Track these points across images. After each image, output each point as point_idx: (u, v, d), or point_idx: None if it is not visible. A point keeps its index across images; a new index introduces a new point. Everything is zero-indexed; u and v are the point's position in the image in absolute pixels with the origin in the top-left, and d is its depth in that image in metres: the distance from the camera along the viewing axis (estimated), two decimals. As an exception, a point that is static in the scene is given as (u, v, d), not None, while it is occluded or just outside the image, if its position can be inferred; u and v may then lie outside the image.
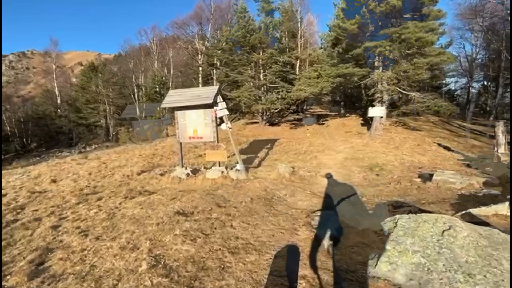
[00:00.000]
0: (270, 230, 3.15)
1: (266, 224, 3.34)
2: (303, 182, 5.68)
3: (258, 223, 3.37)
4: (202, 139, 6.64)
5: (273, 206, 4.02)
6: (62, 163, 13.81)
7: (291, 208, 3.92)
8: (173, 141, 17.20)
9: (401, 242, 2.17)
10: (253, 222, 3.40)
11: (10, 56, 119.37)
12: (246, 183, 5.67)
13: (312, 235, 2.88)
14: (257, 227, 3.23)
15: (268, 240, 2.85)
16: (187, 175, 6.76)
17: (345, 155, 9.18)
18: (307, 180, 5.87)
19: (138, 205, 4.61)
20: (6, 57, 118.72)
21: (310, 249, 2.65)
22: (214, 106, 6.36)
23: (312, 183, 5.67)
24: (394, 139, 13.03)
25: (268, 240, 2.85)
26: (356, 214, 3.37)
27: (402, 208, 3.61)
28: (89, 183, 7.50)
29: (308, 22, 27.24)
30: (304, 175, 6.19)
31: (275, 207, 3.98)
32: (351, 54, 12.62)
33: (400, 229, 2.33)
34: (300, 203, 4.12)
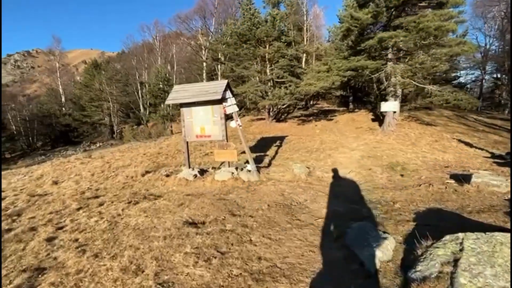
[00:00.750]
0: (297, 247, 2.67)
1: (291, 239, 2.86)
2: (322, 184, 5.18)
3: (281, 237, 2.89)
4: (210, 137, 6.17)
5: (294, 214, 3.54)
6: (66, 162, 13.53)
7: (315, 217, 3.43)
8: (178, 139, 16.79)
9: (478, 274, 1.67)
10: (276, 236, 2.93)
11: (16, 55, 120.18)
12: (259, 185, 5.19)
13: (351, 255, 2.39)
14: (281, 243, 2.76)
15: (298, 262, 2.37)
16: (194, 176, 6.31)
17: (360, 153, 8.63)
18: (326, 182, 5.37)
19: (143, 212, 4.17)
20: (11, 56, 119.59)
21: (352, 275, 2.17)
22: (223, 102, 5.86)
23: (331, 185, 5.16)
24: (409, 135, 12.40)
25: (297, 262, 2.38)
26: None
27: (446, 219, 3.10)
28: (91, 185, 7.11)
29: (314, 15, 26.48)
30: (322, 176, 5.69)
31: (297, 215, 3.50)
32: (364, 46, 11.96)
33: (471, 254, 1.84)
34: (324, 211, 3.63)
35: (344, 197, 4.34)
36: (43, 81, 59.84)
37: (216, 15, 22.29)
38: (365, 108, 21.27)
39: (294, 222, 3.30)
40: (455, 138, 11.10)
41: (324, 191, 4.70)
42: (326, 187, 4.93)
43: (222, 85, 5.81)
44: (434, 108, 21.37)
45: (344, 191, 4.74)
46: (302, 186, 4.95)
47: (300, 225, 3.21)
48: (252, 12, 15.13)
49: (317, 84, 12.43)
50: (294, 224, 3.25)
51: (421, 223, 2.95)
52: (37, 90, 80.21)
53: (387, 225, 2.97)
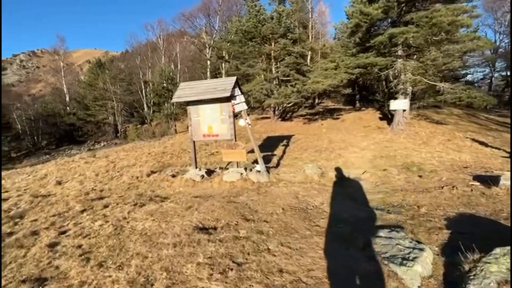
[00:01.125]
0: (321, 258, 2.42)
1: (313, 248, 2.61)
2: (337, 186, 4.92)
3: (302, 246, 2.64)
4: (217, 136, 5.93)
5: (312, 220, 3.29)
6: (70, 162, 13.44)
7: (336, 223, 3.18)
8: (182, 139, 16.60)
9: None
10: (296, 245, 2.68)
11: (21, 56, 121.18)
12: (270, 187, 4.95)
13: (386, 270, 2.13)
14: (303, 253, 2.51)
15: (325, 276, 2.13)
16: (201, 177, 6.09)
17: (372, 152, 8.34)
18: (340, 184, 5.10)
19: (149, 216, 3.95)
20: (17, 56, 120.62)
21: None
22: (232, 100, 5.62)
23: (346, 186, 4.90)
24: (420, 133, 12.06)
25: (324, 276, 2.13)
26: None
27: (481, 225, 2.83)
28: (95, 186, 6.93)
29: (319, 12, 26.12)
30: (335, 177, 5.43)
31: (316, 221, 3.25)
32: (373, 42, 11.62)
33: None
34: (345, 216, 3.37)
35: (362, 200, 4.08)
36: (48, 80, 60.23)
37: (220, 13, 22.04)
38: (372, 106, 20.89)
39: (314, 229, 3.05)
40: (468, 137, 10.75)
41: (340, 193, 4.44)
42: (342, 189, 4.67)
43: (230, 82, 5.56)
44: (443, 106, 20.93)
45: (362, 193, 4.48)
46: (316, 188, 4.69)
47: (321, 231, 2.96)
48: (257, 9, 14.86)
49: (324, 82, 12.13)
50: (313, 230, 3.00)
51: (455, 231, 2.69)
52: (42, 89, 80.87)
53: (418, 233, 2.71)
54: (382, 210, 3.53)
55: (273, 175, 5.97)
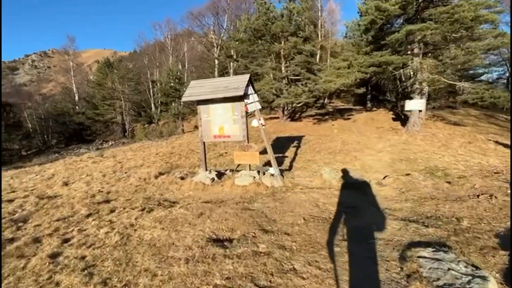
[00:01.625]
0: (358, 285, 2.07)
1: (346, 269, 2.26)
2: (359, 192, 4.55)
3: (333, 267, 2.30)
4: (229, 138, 5.62)
5: (339, 233, 2.94)
6: (78, 161, 13.36)
7: (366, 237, 2.82)
8: (190, 139, 16.39)
9: None
10: (326, 264, 2.34)
11: (33, 56, 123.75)
12: (286, 193, 4.61)
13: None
14: (335, 276, 2.17)
15: (368, 309, 1.79)
16: (211, 180, 5.79)
17: (389, 155, 7.90)
18: (362, 190, 4.72)
19: (158, 223, 3.67)
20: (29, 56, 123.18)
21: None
22: (245, 99, 5.30)
23: (370, 193, 4.52)
24: (437, 135, 11.53)
25: (367, 309, 1.79)
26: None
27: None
28: (102, 188, 6.72)
29: (329, 10, 25.63)
30: (355, 183, 5.05)
31: (343, 234, 2.90)
32: (388, 40, 11.14)
33: None
34: (374, 228, 3.01)
35: (391, 210, 3.70)
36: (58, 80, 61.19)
37: (228, 12, 21.78)
38: (384, 107, 20.30)
39: (342, 244, 2.70)
40: (491, 140, 10.18)
41: (365, 200, 4.07)
42: (365, 196, 4.30)
43: (244, 80, 5.25)
44: (458, 107, 20.19)
45: (388, 201, 4.10)
46: (336, 195, 4.33)
47: (352, 248, 2.61)
48: (267, 7, 14.51)
49: (337, 81, 11.70)
50: (342, 246, 2.66)
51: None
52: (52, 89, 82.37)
53: (469, 253, 2.33)
54: (416, 222, 3.15)
55: (287, 179, 5.63)
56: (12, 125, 29.34)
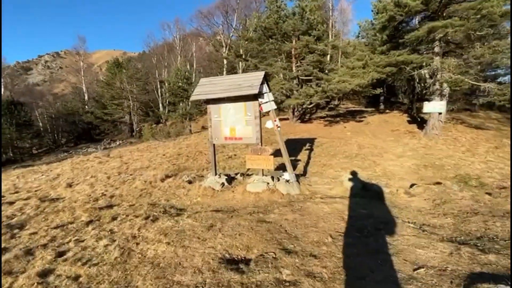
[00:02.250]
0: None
1: (398, 312, 1.80)
2: (388, 204, 4.04)
3: (380, 307, 1.84)
4: (241, 140, 5.19)
5: (377, 257, 2.46)
6: (85, 161, 13.19)
7: (411, 264, 2.34)
8: (198, 139, 16.06)
9: None
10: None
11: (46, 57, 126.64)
12: (305, 203, 4.14)
13: None
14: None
15: None
16: (221, 185, 5.37)
17: (412, 160, 7.33)
18: (391, 201, 4.21)
19: (163, 236, 3.26)
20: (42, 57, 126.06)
21: None
22: (259, 98, 4.86)
23: (400, 205, 4.01)
24: (459, 139, 10.85)
25: None
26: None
27: None
28: (106, 190, 6.38)
29: (341, 10, 25.02)
30: (381, 192, 4.54)
31: (382, 259, 2.41)
32: (407, 38, 10.55)
33: None
34: (420, 253, 2.51)
35: (430, 226, 3.19)
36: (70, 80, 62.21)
37: (238, 11, 21.45)
38: (397, 109, 19.56)
39: (386, 271, 2.22)
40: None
41: (397, 215, 3.56)
42: (397, 209, 3.78)
43: (258, 77, 4.81)
44: (477, 109, 19.30)
45: (423, 215, 3.58)
46: (363, 206, 3.83)
47: (397, 279, 2.13)
48: (278, 4, 14.09)
49: (352, 81, 11.16)
50: (388, 275, 2.18)
51: None
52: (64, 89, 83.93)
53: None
54: (468, 245, 2.63)
55: (304, 186, 5.15)
56: (23, 123, 29.69)
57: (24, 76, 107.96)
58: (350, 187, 4.64)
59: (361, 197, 4.36)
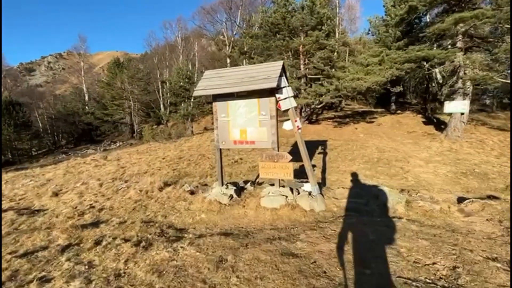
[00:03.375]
0: None
1: None
2: (444, 228, 3.15)
3: None
4: (253, 144, 4.33)
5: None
6: (81, 164, 12.44)
7: None
8: (200, 141, 15.22)
9: None
10: None
11: (49, 58, 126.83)
12: (337, 224, 3.27)
13: None
14: None
15: None
16: (230, 198, 4.51)
17: (444, 166, 6.43)
18: (446, 224, 3.32)
19: (157, 277, 2.40)
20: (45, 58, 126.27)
21: None
22: (276, 94, 4.00)
23: (461, 230, 3.12)
24: (486, 142, 9.92)
25: None
26: None
27: None
28: (95, 201, 5.54)
29: (349, 7, 24.13)
30: (429, 209, 3.65)
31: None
32: (430, 31, 9.67)
33: None
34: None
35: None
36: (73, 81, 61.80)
37: (242, 8, 20.65)
38: (410, 109, 18.62)
39: None
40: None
41: (463, 244, 2.67)
42: (458, 235, 2.89)
43: (276, 68, 3.96)
44: (494, 109, 18.35)
45: (499, 246, 2.69)
46: (417, 234, 2.94)
47: None
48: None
49: (367, 78, 10.28)
50: None
51: None
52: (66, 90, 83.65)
53: None
54: None
55: (329, 200, 4.28)
56: (22, 124, 29.04)
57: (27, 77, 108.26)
58: (390, 204, 3.75)
59: (406, 217, 3.47)
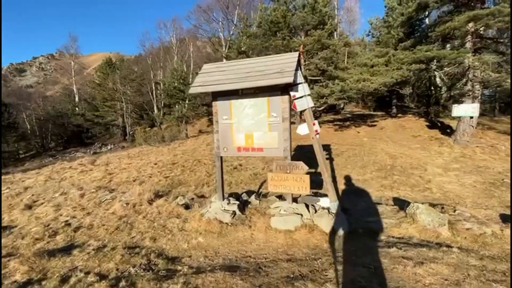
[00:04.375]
0: None
1: None
2: (498, 259, 2.50)
3: None
4: (262, 152, 3.62)
5: None
6: (66, 168, 11.57)
7: None
8: (195, 145, 14.42)
9: None
10: None
11: (41, 58, 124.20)
12: (373, 256, 2.56)
13: None
14: None
15: None
16: (232, 215, 3.78)
17: (468, 176, 5.84)
18: (506, 253, 2.67)
19: None
20: (37, 59, 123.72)
21: None
22: (291, 91, 3.32)
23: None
24: (498, 147, 9.42)
25: None
26: None
27: None
28: (73, 217, 4.73)
29: (348, 9, 23.78)
30: (480, 234, 2.99)
31: None
32: (439, 31, 9.18)
33: None
34: None
35: None
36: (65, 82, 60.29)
37: (239, 7, 20.04)
38: (411, 113, 18.21)
39: None
40: None
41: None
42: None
43: (291, 59, 3.28)
44: (496, 114, 18.09)
45: None
46: (479, 270, 2.28)
47: None
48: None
49: (374, 80, 9.71)
50: None
51: None
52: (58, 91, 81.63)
53: None
54: None
55: (352, 218, 3.59)
56: (7, 126, 27.74)
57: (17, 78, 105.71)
58: (430, 226, 3.08)
59: (451, 241, 2.80)
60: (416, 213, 3.23)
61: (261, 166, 7.72)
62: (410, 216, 3.29)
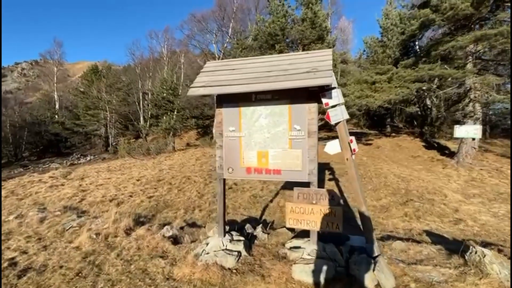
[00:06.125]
0: None
1: None
2: None
3: None
4: (279, 174, 2.79)
5: None
6: (35, 182, 10.20)
7: None
8: (183, 159, 13.33)
9: None
10: None
11: (23, 64, 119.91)
12: None
13: None
14: None
15: None
16: (237, 258, 2.85)
17: (498, 204, 5.24)
18: None
19: None
20: (19, 64, 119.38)
21: None
22: (324, 97, 2.56)
23: None
24: (504, 172, 9.06)
25: None
26: None
27: None
28: (23, 252, 3.60)
29: (341, 28, 24.18)
30: None
31: None
32: (444, 49, 8.99)
33: None
34: None
35: None
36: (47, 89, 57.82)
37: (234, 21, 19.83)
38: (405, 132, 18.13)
39: None
40: None
41: None
42: None
43: (324, 57, 2.54)
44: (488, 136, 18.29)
45: None
46: None
47: None
48: (285, 9, 12.44)
49: (378, 96, 9.29)
50: None
51: None
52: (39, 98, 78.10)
53: None
54: None
55: (393, 267, 2.76)
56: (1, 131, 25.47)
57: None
58: (503, 278, 2.31)
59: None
60: (483, 262, 2.45)
61: (259, 186, 6.84)
62: (475, 266, 2.51)
